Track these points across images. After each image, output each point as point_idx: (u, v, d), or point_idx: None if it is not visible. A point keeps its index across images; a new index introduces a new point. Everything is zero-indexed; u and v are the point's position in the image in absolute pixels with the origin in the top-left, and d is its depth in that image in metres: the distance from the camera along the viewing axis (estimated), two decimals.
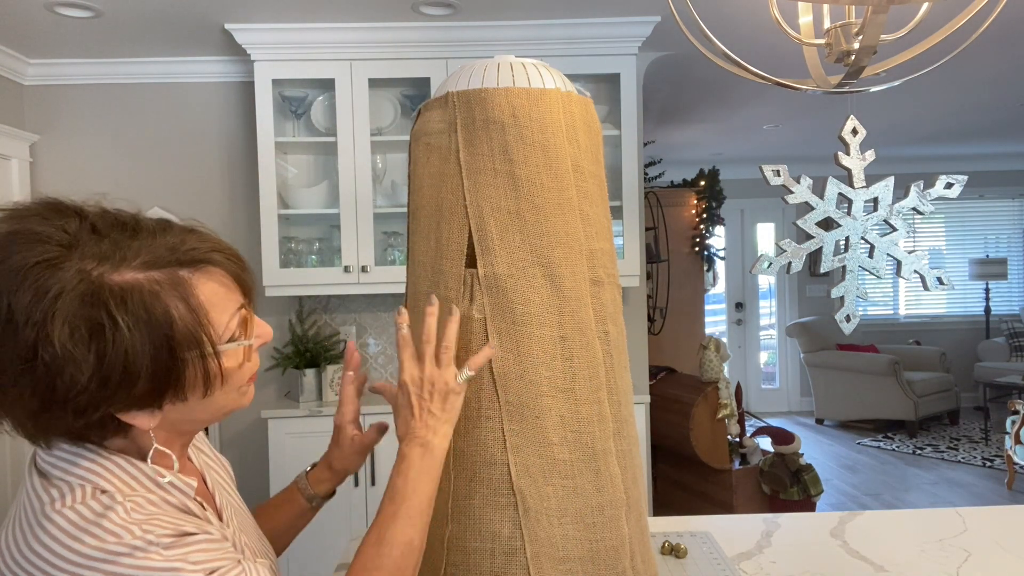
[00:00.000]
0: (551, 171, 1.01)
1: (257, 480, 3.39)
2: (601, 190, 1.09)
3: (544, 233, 0.99)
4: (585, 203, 1.05)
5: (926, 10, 1.12)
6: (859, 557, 1.38)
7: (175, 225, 0.78)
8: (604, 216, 1.09)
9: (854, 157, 1.25)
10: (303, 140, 3.14)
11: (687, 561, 1.36)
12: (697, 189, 5.20)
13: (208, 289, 0.75)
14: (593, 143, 1.09)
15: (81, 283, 0.68)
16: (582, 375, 0.99)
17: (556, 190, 1.01)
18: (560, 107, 1.03)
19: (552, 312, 0.99)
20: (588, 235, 1.04)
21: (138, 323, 0.69)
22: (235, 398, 0.81)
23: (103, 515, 0.70)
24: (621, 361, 1.09)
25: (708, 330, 5.64)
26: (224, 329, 0.76)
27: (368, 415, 2.99)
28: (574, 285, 1.00)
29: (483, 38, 3.02)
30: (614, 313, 1.08)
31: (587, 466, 0.98)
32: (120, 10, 2.73)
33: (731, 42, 3.22)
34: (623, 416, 1.07)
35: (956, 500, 4.57)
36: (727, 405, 3.71)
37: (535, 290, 0.98)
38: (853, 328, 1.25)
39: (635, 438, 1.10)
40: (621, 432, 1.06)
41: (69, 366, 0.67)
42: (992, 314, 7.32)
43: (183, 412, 0.78)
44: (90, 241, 0.71)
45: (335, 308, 3.42)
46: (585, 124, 1.07)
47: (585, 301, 1.01)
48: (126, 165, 3.38)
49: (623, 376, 1.09)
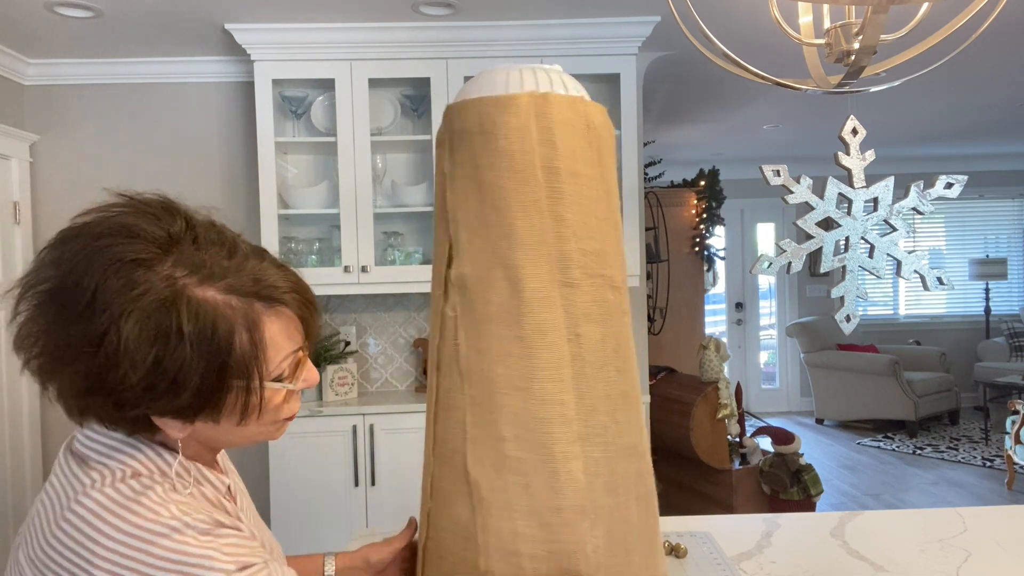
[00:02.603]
0: (515, 174, 1.05)
1: (257, 481, 3.39)
2: (594, 190, 1.08)
3: (506, 236, 1.04)
4: (560, 205, 1.05)
5: (926, 10, 1.12)
6: (859, 557, 1.38)
7: (268, 255, 0.82)
8: (595, 216, 1.08)
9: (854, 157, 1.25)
10: (303, 140, 3.14)
11: (687, 561, 1.36)
12: (697, 189, 5.20)
13: (275, 328, 0.78)
14: (583, 143, 1.07)
15: (166, 288, 0.71)
16: (542, 376, 1.02)
17: (520, 192, 1.05)
18: (532, 110, 1.05)
19: (511, 312, 1.03)
20: (562, 236, 1.05)
21: (201, 340, 0.72)
22: (266, 431, 0.84)
23: (142, 493, 0.71)
24: (603, 364, 1.06)
25: (708, 330, 5.64)
26: (275, 367, 0.79)
27: (368, 415, 2.99)
28: (538, 286, 1.03)
29: (483, 38, 3.03)
30: (598, 315, 1.06)
31: (543, 466, 1.01)
32: (120, 10, 2.73)
33: (731, 42, 3.22)
34: (601, 422, 1.04)
35: (956, 500, 4.57)
36: (727, 405, 3.71)
37: (495, 291, 1.03)
38: (853, 328, 1.25)
39: (626, 448, 1.06)
40: (594, 438, 1.03)
41: (125, 362, 0.69)
42: (992, 314, 7.32)
43: (213, 431, 0.80)
44: (188, 250, 0.75)
45: (335, 308, 3.42)
46: (567, 124, 1.06)
47: (551, 302, 1.03)
48: (126, 165, 3.38)
49: (607, 380, 1.06)
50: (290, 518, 2.98)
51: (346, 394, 3.18)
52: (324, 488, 2.98)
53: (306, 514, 2.98)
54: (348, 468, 2.98)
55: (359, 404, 3.07)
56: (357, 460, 2.98)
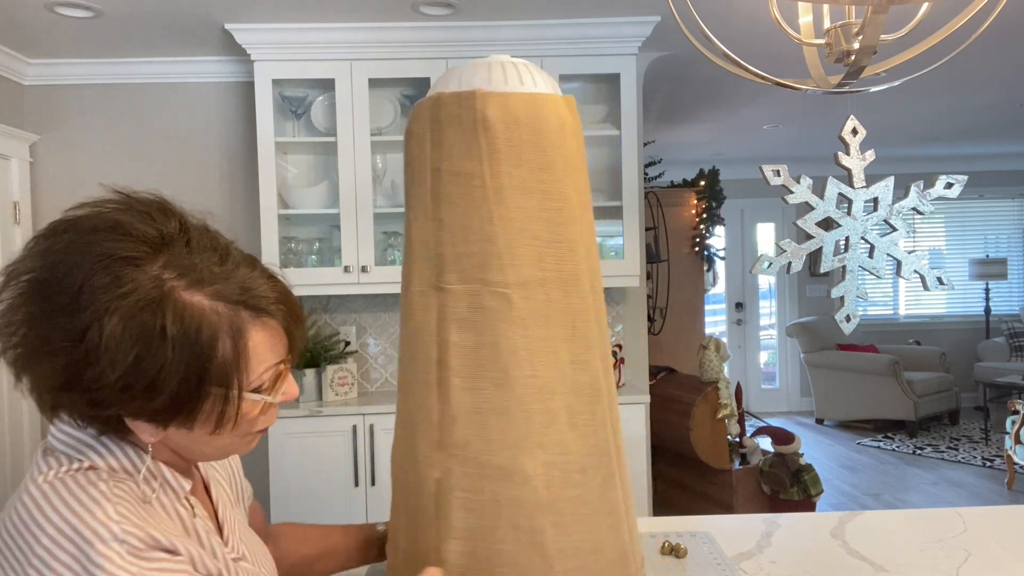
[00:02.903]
0: (414, 181, 1.07)
1: (257, 481, 3.39)
2: (480, 190, 1.00)
3: (408, 241, 1.08)
4: (440, 207, 1.02)
5: (926, 10, 1.12)
6: (859, 557, 1.38)
7: (260, 265, 0.81)
8: (479, 217, 1.00)
9: (854, 157, 1.25)
10: (303, 140, 3.14)
11: (687, 561, 1.36)
12: (697, 189, 5.20)
13: (259, 338, 0.77)
14: (469, 141, 1.00)
15: (153, 289, 0.70)
16: (415, 378, 1.05)
17: (415, 198, 1.06)
18: (428, 114, 1.05)
19: (405, 315, 1.07)
20: (440, 240, 1.02)
21: (184, 344, 0.70)
22: (239, 442, 0.82)
23: (84, 488, 0.70)
24: (474, 375, 0.99)
25: (708, 330, 5.64)
26: (256, 378, 0.77)
27: (368, 415, 2.99)
28: (420, 290, 1.05)
29: (483, 38, 3.02)
30: (473, 322, 0.99)
31: (412, 469, 1.04)
32: (120, 10, 2.73)
33: (731, 42, 3.22)
34: (462, 436, 0.99)
35: (956, 500, 4.57)
36: (727, 405, 3.71)
37: (402, 294, 1.09)
38: (853, 328, 1.25)
39: (497, 469, 0.97)
40: (453, 450, 0.99)
41: (105, 360, 0.68)
42: (992, 314, 7.32)
43: (185, 439, 0.78)
44: (180, 253, 0.73)
45: (335, 308, 3.42)
46: (454, 122, 1.01)
47: (427, 307, 1.03)
48: (126, 165, 3.38)
49: (477, 392, 0.99)
50: (290, 518, 2.98)
51: (346, 394, 3.18)
52: (324, 488, 2.98)
53: (306, 514, 2.98)
54: (348, 468, 2.98)
55: (359, 404, 3.07)
56: (357, 460, 2.98)
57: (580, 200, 1.07)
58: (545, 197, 1.01)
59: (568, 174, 1.04)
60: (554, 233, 1.02)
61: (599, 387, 1.04)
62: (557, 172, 1.02)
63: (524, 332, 0.99)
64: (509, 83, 1.02)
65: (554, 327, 1.01)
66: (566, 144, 1.04)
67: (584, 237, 1.06)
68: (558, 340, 1.01)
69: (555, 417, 0.99)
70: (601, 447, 1.03)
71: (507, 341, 0.99)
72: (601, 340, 1.08)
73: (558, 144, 1.03)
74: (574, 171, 1.06)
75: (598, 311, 1.08)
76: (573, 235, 1.03)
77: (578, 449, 1.00)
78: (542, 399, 0.99)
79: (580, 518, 0.99)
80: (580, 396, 1.01)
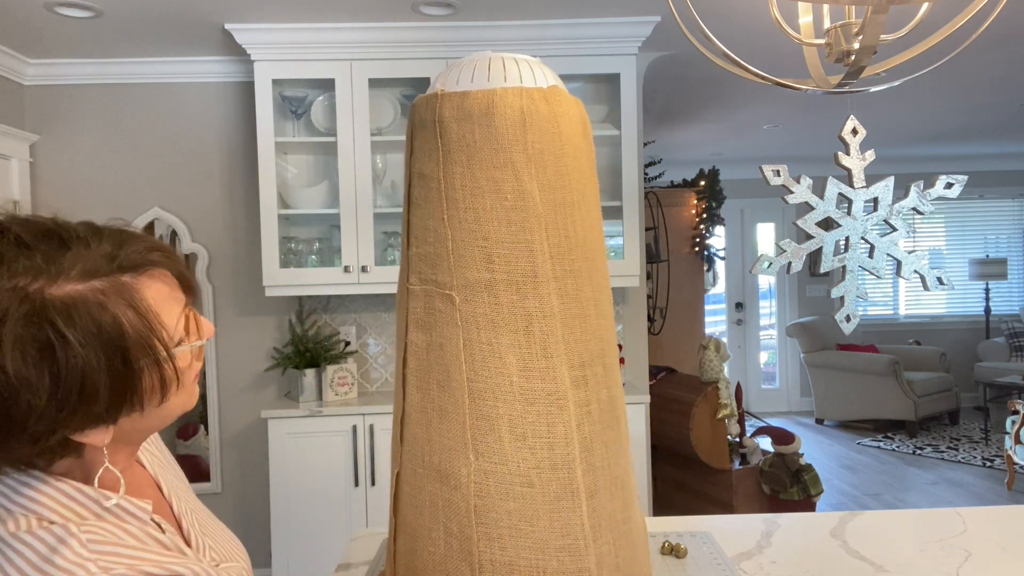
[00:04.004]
0: (404, 184, 1.09)
1: (257, 480, 3.39)
2: (435, 191, 0.99)
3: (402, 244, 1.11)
4: (409, 209, 1.03)
5: (926, 10, 1.12)
6: (859, 557, 1.38)
7: (104, 229, 0.73)
8: (432, 218, 0.99)
9: (854, 157, 1.25)
10: (303, 140, 3.14)
11: (687, 561, 1.36)
12: (697, 189, 5.20)
13: (154, 291, 0.72)
14: (430, 141, 1.00)
15: (22, 303, 0.64)
16: (395, 375, 1.08)
17: (404, 200, 1.08)
18: (411, 117, 1.06)
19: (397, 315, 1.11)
20: (408, 242, 1.04)
21: (89, 337, 0.66)
22: (184, 400, 0.78)
23: (55, 550, 0.65)
24: (424, 375, 0.99)
25: (708, 330, 5.64)
26: (173, 331, 0.73)
27: (368, 415, 2.99)
28: (400, 290, 1.07)
29: (483, 38, 3.02)
30: (426, 322, 0.99)
31: (393, 463, 1.07)
32: (120, 10, 2.73)
33: (731, 42, 3.22)
34: (412, 434, 0.99)
35: (956, 500, 4.57)
36: (727, 405, 3.71)
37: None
38: (853, 328, 1.25)
39: (436, 472, 0.97)
40: (408, 447, 1.00)
41: (24, 391, 0.63)
42: (992, 314, 7.32)
43: (136, 422, 0.74)
44: (19, 256, 0.66)
45: (335, 308, 3.42)
46: (421, 123, 1.01)
47: (399, 307, 1.06)
48: (126, 165, 3.38)
49: (424, 392, 0.98)
50: (290, 518, 2.98)
51: (346, 394, 3.18)
52: (324, 488, 2.98)
53: (306, 514, 2.98)
54: (348, 468, 2.98)
55: (359, 404, 3.07)
56: (357, 460, 2.98)
57: (550, 198, 0.98)
58: (498, 196, 0.96)
59: (534, 170, 0.97)
60: (508, 233, 0.96)
61: (563, 397, 0.96)
62: (515, 169, 0.96)
63: (466, 335, 0.96)
64: (493, 79, 0.99)
65: (501, 331, 0.96)
66: (531, 138, 0.97)
67: (557, 235, 0.99)
68: (504, 345, 0.95)
69: (494, 425, 0.94)
70: (557, 462, 0.95)
71: (451, 343, 0.97)
72: (582, 347, 0.99)
73: (516, 139, 0.96)
74: (545, 166, 0.98)
75: (581, 315, 1.00)
76: (533, 234, 0.96)
77: (522, 461, 0.94)
78: (480, 405, 0.95)
79: (519, 534, 0.93)
80: (531, 406, 0.95)
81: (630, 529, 1.03)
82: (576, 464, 0.96)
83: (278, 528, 2.99)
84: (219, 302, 3.39)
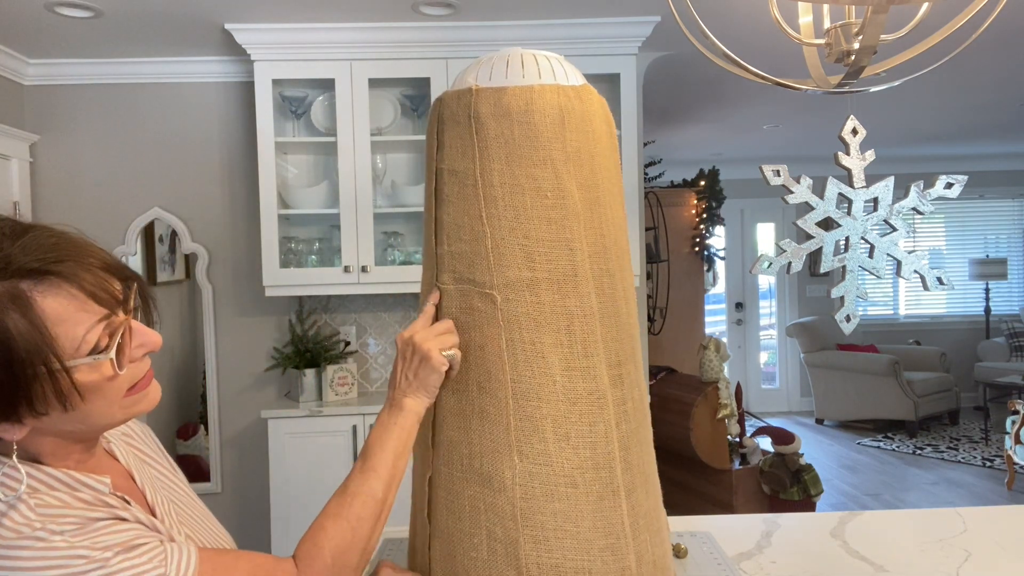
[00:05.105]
0: (426, 179, 1.07)
1: (257, 480, 3.39)
2: (471, 187, 0.98)
3: (423, 242, 1.12)
4: (440, 206, 1.01)
5: (926, 10, 1.12)
6: (859, 557, 1.38)
7: (38, 229, 0.73)
8: (468, 215, 0.98)
9: (854, 157, 1.24)
10: (303, 140, 3.14)
11: (687, 561, 1.36)
12: (697, 189, 5.20)
13: (54, 303, 0.70)
14: (463, 137, 0.99)
15: None
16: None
17: (427, 197, 1.07)
18: (435, 112, 1.04)
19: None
20: (439, 239, 1.02)
21: None
22: (118, 411, 0.77)
23: (4, 515, 0.69)
24: (461, 377, 0.98)
25: (708, 330, 5.64)
26: (80, 343, 0.72)
27: (368, 415, 2.99)
28: (424, 290, 1.07)
29: (483, 38, 3.02)
30: (465, 323, 0.98)
31: (420, 464, 1.08)
32: (120, 10, 2.73)
33: (731, 42, 3.22)
34: (448, 437, 0.99)
35: (956, 500, 4.57)
36: (727, 405, 3.71)
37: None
38: (853, 328, 1.25)
39: (475, 474, 0.96)
40: (440, 450, 1.00)
41: None
42: (992, 314, 7.32)
43: (55, 424, 0.74)
44: None
45: (335, 308, 3.42)
46: (452, 119, 1.00)
47: (424, 305, 1.06)
48: (126, 165, 3.38)
49: (461, 394, 0.98)
50: (290, 518, 2.98)
51: (346, 394, 3.18)
52: (324, 488, 2.98)
53: (306, 514, 2.98)
54: (348, 468, 2.98)
55: (359, 404, 3.07)
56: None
57: (586, 197, 0.98)
58: (538, 194, 0.96)
59: (572, 168, 0.97)
60: (549, 232, 0.96)
61: (603, 397, 0.96)
62: (555, 167, 0.96)
63: (508, 335, 0.95)
64: (527, 76, 0.98)
65: (543, 331, 0.95)
66: (569, 136, 0.97)
67: (592, 234, 0.99)
68: (547, 345, 0.95)
69: (538, 426, 0.94)
70: (599, 462, 0.95)
71: (492, 343, 0.96)
72: (618, 346, 1.00)
73: (555, 137, 0.96)
74: (581, 164, 0.98)
75: (615, 315, 1.00)
76: (572, 233, 0.96)
77: (566, 461, 0.94)
78: (524, 406, 0.94)
79: (564, 535, 0.92)
80: (574, 406, 0.95)
81: (660, 526, 1.04)
82: (616, 463, 0.96)
83: (278, 528, 2.99)
84: (219, 302, 3.39)
